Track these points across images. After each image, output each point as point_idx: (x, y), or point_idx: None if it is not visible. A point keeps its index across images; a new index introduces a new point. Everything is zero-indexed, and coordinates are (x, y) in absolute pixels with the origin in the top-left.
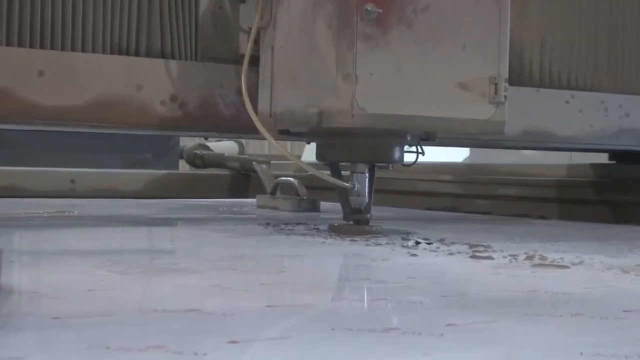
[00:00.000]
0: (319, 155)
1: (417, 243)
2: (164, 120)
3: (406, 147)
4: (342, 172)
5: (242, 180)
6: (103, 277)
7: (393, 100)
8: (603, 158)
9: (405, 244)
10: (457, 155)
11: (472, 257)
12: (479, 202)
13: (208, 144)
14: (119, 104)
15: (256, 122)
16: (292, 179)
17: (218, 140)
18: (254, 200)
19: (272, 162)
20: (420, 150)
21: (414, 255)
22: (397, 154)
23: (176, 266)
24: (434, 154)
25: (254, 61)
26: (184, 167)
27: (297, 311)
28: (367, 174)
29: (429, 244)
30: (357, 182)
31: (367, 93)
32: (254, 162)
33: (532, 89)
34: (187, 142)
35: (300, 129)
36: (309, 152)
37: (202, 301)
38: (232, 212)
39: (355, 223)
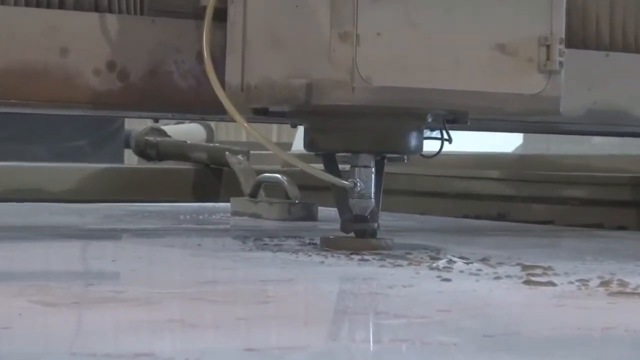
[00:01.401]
0: (308, 143)
1: (451, 263)
2: (99, 95)
3: (427, 133)
4: (340, 166)
5: (210, 177)
6: (23, 310)
7: (408, 68)
8: None
9: (434, 265)
10: (505, 143)
11: (527, 282)
12: (536, 207)
13: (164, 127)
14: (37, 74)
15: (222, 98)
16: (279, 175)
17: (178, 123)
18: (228, 204)
19: (251, 152)
20: (445, 137)
21: (447, 280)
22: (413, 142)
23: (122, 295)
24: (474, 142)
25: (221, 15)
26: (131, 159)
27: (286, 355)
28: (373, 169)
29: (467, 264)
30: (360, 180)
31: (373, 58)
32: (226, 153)
33: (600, 53)
34: (135, 125)
35: (282, 107)
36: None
37: (157, 342)
38: (197, 222)
39: (358, 235)
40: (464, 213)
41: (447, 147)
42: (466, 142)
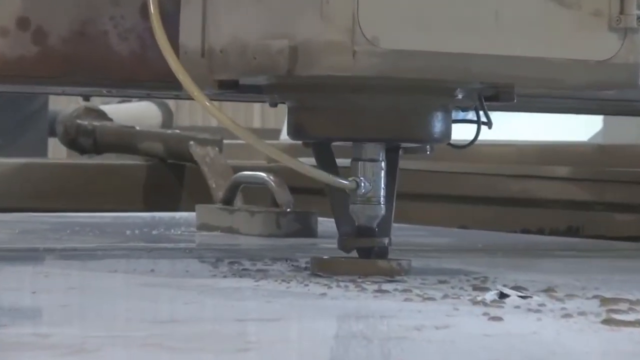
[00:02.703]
0: (293, 128)
1: (503, 296)
2: (7, 63)
3: (457, 114)
4: (341, 161)
5: (168, 176)
6: None
7: (429, 25)
8: None
9: (479, 298)
10: (578, 128)
11: (607, 321)
12: (621, 217)
13: (103, 107)
14: None
15: (176, 67)
16: (263, 174)
17: (123, 101)
18: (192, 214)
19: (225, 142)
20: (484, 119)
21: (497, 318)
22: (438, 126)
23: (46, 339)
24: (534, 128)
25: None
26: (58, 151)
27: None
28: (383, 163)
29: (524, 297)
30: (365, 178)
31: (381, 12)
32: (190, 143)
33: None
34: (64, 104)
35: (257, 79)
36: None
37: None
38: (150, 238)
39: (361, 255)
40: (521, 226)
41: (494, 135)
42: (523, 127)
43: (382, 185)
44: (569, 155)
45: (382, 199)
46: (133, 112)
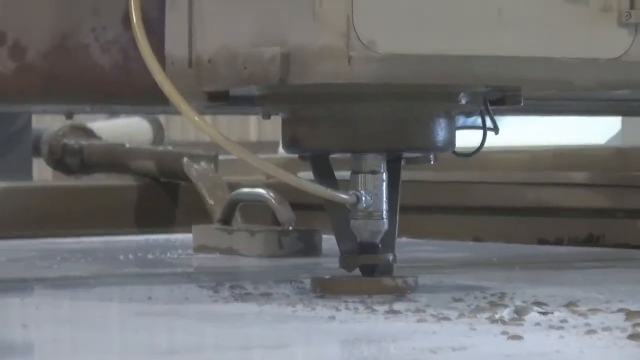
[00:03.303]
0: (288, 140)
1: (522, 312)
2: None
3: (461, 121)
4: (341, 174)
5: (161, 196)
6: None
7: (428, 27)
8: None
9: (497, 316)
10: (596, 131)
11: (633, 336)
12: None
13: (91, 125)
14: None
15: (161, 80)
16: (263, 191)
17: (111, 118)
18: (189, 236)
19: (221, 157)
20: (490, 125)
21: (516, 337)
22: (441, 134)
23: None
24: (548, 131)
25: None
26: (44, 172)
27: None
28: (384, 175)
29: (544, 313)
30: (366, 192)
31: (377, 14)
32: (184, 160)
33: None
34: (48, 122)
35: (248, 89)
36: None
37: None
38: (145, 263)
39: (364, 273)
40: (538, 236)
41: (505, 141)
42: (535, 131)
43: (384, 199)
44: (586, 160)
45: (384, 212)
46: (122, 128)
